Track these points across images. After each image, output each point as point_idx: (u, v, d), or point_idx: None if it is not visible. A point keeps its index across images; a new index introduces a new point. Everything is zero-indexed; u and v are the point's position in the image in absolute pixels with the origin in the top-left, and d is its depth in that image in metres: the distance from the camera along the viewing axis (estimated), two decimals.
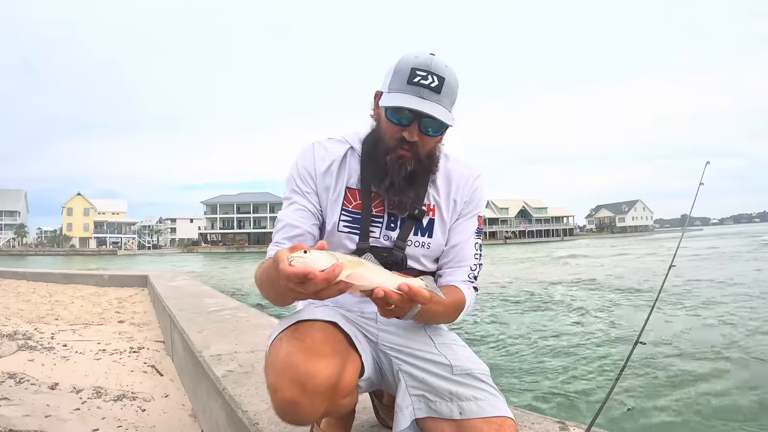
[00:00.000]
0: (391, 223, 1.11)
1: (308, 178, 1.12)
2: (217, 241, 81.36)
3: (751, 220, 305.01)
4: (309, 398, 0.90)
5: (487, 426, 0.94)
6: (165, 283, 6.26)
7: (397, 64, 1.03)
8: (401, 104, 0.99)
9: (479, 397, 0.98)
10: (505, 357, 5.40)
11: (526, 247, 51.41)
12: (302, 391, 0.89)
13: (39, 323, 4.74)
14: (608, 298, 10.02)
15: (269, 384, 0.94)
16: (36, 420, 2.05)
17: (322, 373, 0.91)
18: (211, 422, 1.96)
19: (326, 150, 1.14)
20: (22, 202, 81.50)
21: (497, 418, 0.96)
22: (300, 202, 1.11)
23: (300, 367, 0.90)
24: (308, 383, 0.89)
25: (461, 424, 0.96)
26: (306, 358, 0.91)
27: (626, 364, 1.24)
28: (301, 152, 1.15)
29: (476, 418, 0.95)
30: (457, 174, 1.17)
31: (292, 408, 0.91)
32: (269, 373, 0.94)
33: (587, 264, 20.08)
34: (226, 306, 3.76)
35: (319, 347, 0.94)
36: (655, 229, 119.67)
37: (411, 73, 1.00)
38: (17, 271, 11.17)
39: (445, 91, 1.01)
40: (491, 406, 0.97)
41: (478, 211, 1.19)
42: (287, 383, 0.90)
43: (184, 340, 2.67)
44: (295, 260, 0.76)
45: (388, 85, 1.04)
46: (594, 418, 1.19)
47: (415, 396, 1.03)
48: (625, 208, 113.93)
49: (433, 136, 1.05)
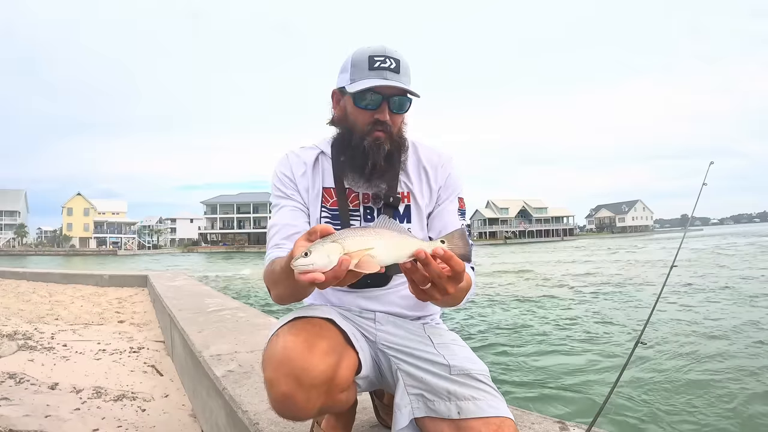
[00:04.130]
0: (368, 215, 1.15)
1: (289, 182, 1.18)
2: (217, 241, 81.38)
3: (751, 220, 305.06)
4: (305, 392, 0.91)
5: (486, 426, 0.94)
6: (165, 283, 6.26)
7: (352, 58, 1.10)
8: (374, 84, 1.05)
9: (477, 397, 0.98)
10: (505, 357, 5.40)
11: (525, 247, 51.42)
12: (298, 384, 0.91)
13: (39, 323, 4.73)
14: (610, 297, 10.02)
15: (266, 379, 0.95)
16: (36, 420, 2.05)
17: (317, 366, 0.92)
18: (211, 422, 1.96)
19: (299, 157, 1.21)
20: (22, 202, 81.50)
21: (496, 418, 0.95)
22: (289, 205, 1.16)
23: (296, 361, 0.92)
24: (304, 377, 0.91)
25: (459, 424, 0.95)
26: (301, 352, 0.93)
27: (627, 364, 1.24)
28: (278, 163, 1.22)
29: (474, 418, 0.95)
30: (429, 161, 1.21)
31: (288, 402, 0.92)
32: (266, 368, 0.96)
33: (589, 263, 20.09)
34: (226, 306, 3.76)
35: (315, 342, 0.96)
36: (655, 229, 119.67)
37: (370, 61, 1.07)
38: (17, 271, 11.18)
39: (403, 70, 1.10)
40: (490, 406, 0.97)
41: (458, 192, 1.22)
42: (283, 377, 0.91)
43: (184, 340, 2.67)
44: (297, 268, 0.76)
45: (349, 77, 1.09)
46: (594, 418, 1.19)
47: (413, 395, 1.03)
48: (625, 208, 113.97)
49: (400, 114, 1.13)
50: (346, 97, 1.12)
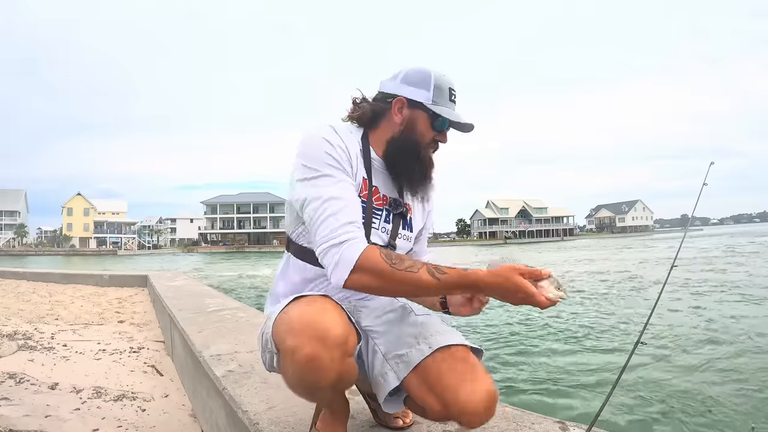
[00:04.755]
0: (387, 216, 1.21)
1: (346, 158, 1.11)
2: (217, 241, 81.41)
3: (751, 220, 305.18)
4: (329, 351, 0.95)
5: (459, 351, 1.07)
6: (165, 283, 6.26)
7: (434, 81, 1.16)
8: (462, 120, 1.18)
9: (441, 331, 1.11)
10: (505, 357, 5.40)
11: (525, 247, 51.41)
12: (323, 345, 0.95)
13: (39, 323, 4.73)
14: (610, 297, 10.02)
15: (288, 348, 0.98)
16: (36, 420, 2.05)
17: (337, 325, 0.97)
18: (211, 422, 1.96)
19: (351, 134, 1.19)
20: (22, 202, 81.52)
21: (464, 346, 1.09)
22: (348, 181, 1.09)
23: (317, 323, 0.96)
24: (327, 336, 0.95)
25: (435, 357, 1.05)
26: (319, 315, 0.98)
27: (627, 363, 1.24)
28: (325, 131, 1.12)
29: (446, 346, 1.07)
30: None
31: (314, 363, 0.95)
32: (286, 338, 0.98)
33: (592, 262, 20.11)
34: (226, 306, 3.76)
35: (327, 308, 1.01)
36: (655, 229, 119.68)
37: (449, 93, 1.18)
38: (17, 271, 11.18)
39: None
40: (457, 336, 1.10)
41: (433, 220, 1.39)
42: (307, 340, 0.95)
43: (184, 340, 2.67)
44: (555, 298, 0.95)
45: (432, 98, 1.16)
46: (594, 418, 1.19)
47: (392, 360, 1.10)
48: (625, 208, 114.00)
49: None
50: (418, 111, 1.16)
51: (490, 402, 1.00)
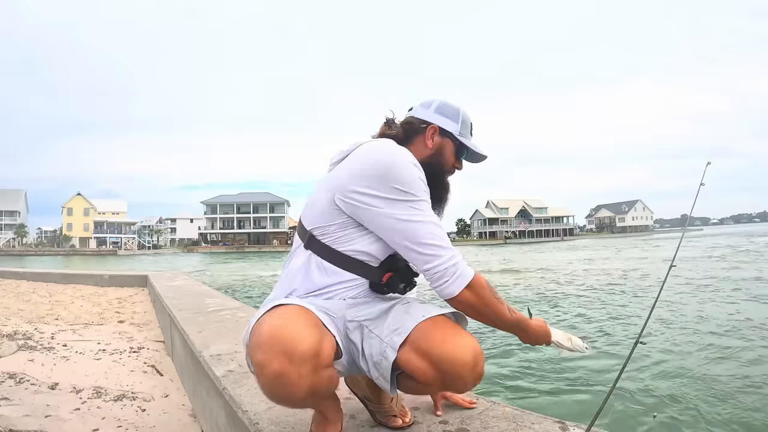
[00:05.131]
0: None
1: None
2: (217, 241, 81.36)
3: (751, 220, 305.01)
4: (296, 367, 0.96)
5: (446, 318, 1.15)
6: (165, 283, 6.26)
7: (462, 116, 1.34)
8: (485, 153, 1.36)
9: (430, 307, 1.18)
10: (505, 357, 5.39)
11: (525, 247, 51.41)
12: (289, 360, 0.96)
13: (39, 323, 4.73)
14: (610, 296, 10.02)
15: (256, 363, 0.98)
16: (36, 420, 2.05)
17: (305, 340, 0.98)
18: (211, 422, 1.96)
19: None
20: (22, 202, 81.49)
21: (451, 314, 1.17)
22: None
23: (284, 338, 0.97)
24: (294, 352, 0.96)
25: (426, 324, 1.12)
26: (287, 330, 0.99)
27: (626, 363, 1.24)
28: (410, 156, 1.19)
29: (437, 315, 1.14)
30: None
31: (281, 380, 0.96)
32: (255, 353, 1.00)
33: (593, 262, 20.10)
34: (226, 306, 3.76)
35: (298, 321, 1.02)
36: (655, 229, 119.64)
37: (471, 127, 1.36)
38: (17, 271, 11.17)
39: None
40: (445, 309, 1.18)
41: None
42: (274, 356, 0.96)
43: (184, 340, 2.67)
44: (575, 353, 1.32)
45: (459, 130, 1.32)
46: (594, 418, 1.19)
47: (387, 337, 1.13)
48: (625, 208, 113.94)
49: None
50: (447, 140, 1.31)
51: (477, 355, 1.08)
